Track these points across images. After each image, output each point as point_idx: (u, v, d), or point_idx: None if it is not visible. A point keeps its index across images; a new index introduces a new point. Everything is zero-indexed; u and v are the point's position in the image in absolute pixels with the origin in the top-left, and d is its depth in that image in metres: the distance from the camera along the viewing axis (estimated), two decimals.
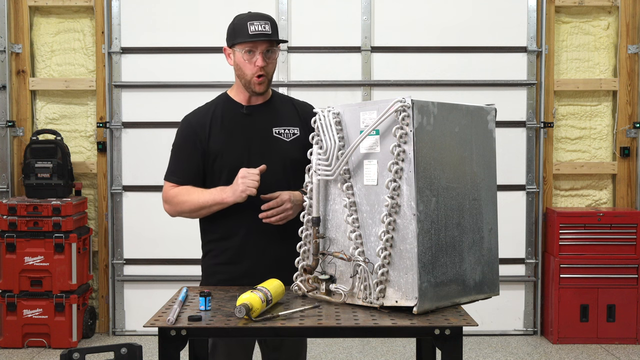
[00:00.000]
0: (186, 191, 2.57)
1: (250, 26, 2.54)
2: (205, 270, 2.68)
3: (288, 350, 2.75)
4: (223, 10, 4.97)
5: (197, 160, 2.59)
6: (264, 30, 2.54)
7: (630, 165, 5.13)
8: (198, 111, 2.67)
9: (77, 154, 5.16)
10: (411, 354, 4.53)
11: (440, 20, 5.00)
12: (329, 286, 2.32)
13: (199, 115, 2.64)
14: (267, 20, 2.56)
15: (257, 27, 2.54)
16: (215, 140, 2.58)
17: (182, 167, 2.61)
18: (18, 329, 4.67)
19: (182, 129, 2.65)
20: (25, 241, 4.66)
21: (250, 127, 2.60)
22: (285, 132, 2.62)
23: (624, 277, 4.77)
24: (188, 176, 2.60)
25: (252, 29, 2.54)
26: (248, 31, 2.54)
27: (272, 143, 2.59)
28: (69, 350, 2.23)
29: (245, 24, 2.55)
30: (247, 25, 2.54)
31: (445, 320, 2.08)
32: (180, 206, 2.58)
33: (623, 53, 5.07)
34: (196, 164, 2.59)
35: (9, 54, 5.00)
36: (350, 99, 4.97)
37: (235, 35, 2.57)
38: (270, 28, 2.56)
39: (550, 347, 4.77)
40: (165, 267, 4.99)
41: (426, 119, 2.15)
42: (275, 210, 2.49)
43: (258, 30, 2.54)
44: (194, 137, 2.59)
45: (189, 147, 2.60)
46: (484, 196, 2.32)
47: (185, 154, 2.61)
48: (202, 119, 2.62)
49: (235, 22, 2.60)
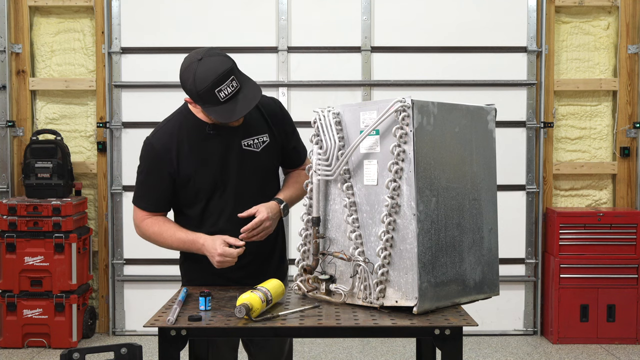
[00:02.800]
0: (159, 229, 2.52)
1: (219, 93, 2.30)
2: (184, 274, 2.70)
3: (273, 349, 2.76)
4: (223, 10, 4.98)
5: (166, 186, 2.51)
6: (233, 89, 2.32)
7: (630, 165, 5.13)
8: (160, 133, 2.52)
9: (77, 154, 5.16)
10: (411, 354, 4.53)
11: (440, 20, 5.00)
12: (329, 286, 2.32)
13: (162, 138, 2.50)
14: (231, 76, 2.32)
15: (225, 90, 2.31)
16: (185, 165, 2.48)
17: (150, 193, 2.54)
18: (18, 329, 4.67)
19: (145, 154, 2.52)
20: (25, 241, 4.66)
21: (218, 146, 2.49)
22: (255, 143, 2.53)
23: (624, 277, 4.77)
24: (158, 203, 2.55)
25: (222, 96, 2.31)
26: (219, 99, 2.30)
27: (243, 158, 2.51)
28: (69, 350, 2.23)
29: (212, 92, 2.30)
30: (215, 94, 2.30)
31: (445, 320, 2.08)
32: (151, 239, 2.58)
33: (623, 53, 5.07)
34: (165, 191, 2.52)
35: (9, 54, 5.00)
36: (350, 99, 4.97)
37: (203, 101, 2.34)
38: (237, 81, 2.32)
39: (550, 347, 4.77)
40: (165, 267, 4.98)
41: (426, 119, 2.15)
42: (256, 231, 2.45)
43: (228, 93, 2.31)
44: (161, 164, 2.48)
45: (155, 174, 2.50)
46: (484, 196, 2.32)
47: (152, 181, 2.52)
48: (167, 143, 2.48)
49: (198, 90, 2.31)
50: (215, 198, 2.52)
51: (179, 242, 2.51)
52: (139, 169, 2.56)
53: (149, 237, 2.58)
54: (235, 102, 2.34)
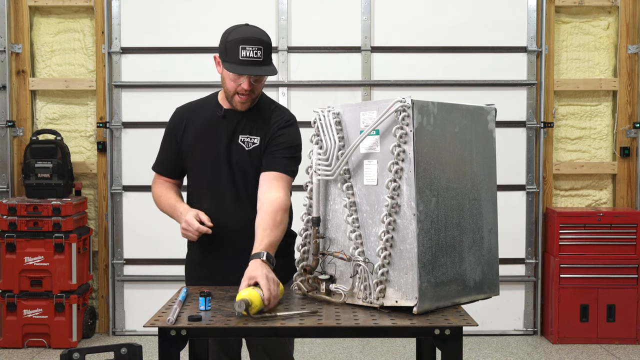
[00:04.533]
0: (160, 192, 2.72)
1: (242, 50, 2.45)
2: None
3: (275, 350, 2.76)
4: (223, 10, 4.98)
5: (171, 154, 2.71)
6: (255, 57, 2.45)
7: (630, 165, 5.13)
8: (187, 105, 2.73)
9: (77, 154, 5.16)
10: (411, 354, 4.53)
11: (440, 20, 5.00)
12: (329, 286, 2.32)
13: (184, 110, 2.71)
14: (260, 46, 2.46)
15: (248, 52, 2.45)
16: (187, 139, 2.66)
17: (161, 157, 2.76)
18: (18, 329, 4.67)
19: (169, 121, 2.73)
20: (25, 241, 4.66)
21: (219, 131, 2.60)
22: (247, 141, 2.60)
23: (624, 277, 4.77)
24: (168, 167, 2.74)
25: (243, 55, 2.45)
26: (238, 55, 2.45)
27: (234, 150, 2.58)
28: (69, 350, 2.23)
29: (237, 46, 2.45)
30: (239, 49, 2.45)
31: (445, 320, 2.08)
32: (155, 200, 2.76)
33: (623, 53, 5.07)
34: (174, 157, 2.70)
35: (9, 54, 5.00)
36: (350, 99, 4.97)
37: (226, 54, 2.49)
38: (262, 54, 2.46)
39: (550, 347, 4.77)
40: (165, 267, 4.99)
41: (426, 119, 2.15)
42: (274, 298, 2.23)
43: (249, 56, 2.45)
44: (172, 133, 2.70)
45: (169, 139, 2.71)
46: (484, 196, 2.32)
47: (166, 145, 2.73)
48: (183, 116, 2.68)
49: (228, 40, 2.49)
50: (202, 179, 2.64)
51: (168, 206, 2.67)
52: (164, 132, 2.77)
53: (154, 197, 2.75)
54: (250, 67, 2.46)
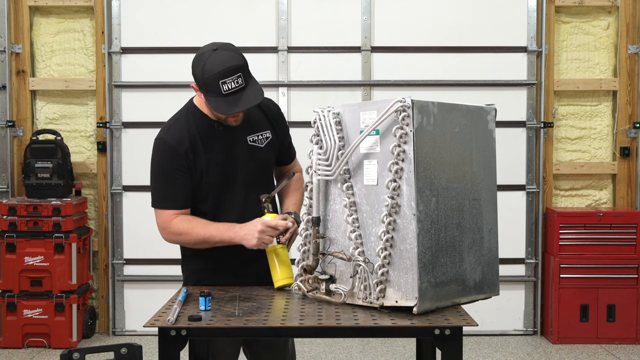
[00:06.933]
0: (190, 225, 2.51)
1: (223, 85, 2.35)
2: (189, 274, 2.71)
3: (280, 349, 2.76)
4: (223, 10, 4.98)
5: (187, 181, 2.52)
6: (237, 86, 2.36)
7: (630, 165, 5.13)
8: (172, 131, 2.55)
9: (77, 154, 5.15)
10: (411, 354, 4.52)
11: (440, 20, 5.00)
12: (329, 286, 2.32)
13: (175, 135, 2.53)
14: (239, 72, 2.36)
15: (230, 84, 2.36)
16: (200, 159, 2.52)
17: (174, 191, 2.53)
18: (18, 329, 4.67)
19: (160, 153, 2.54)
20: (25, 241, 4.66)
21: (227, 141, 2.57)
22: (259, 138, 2.62)
23: (624, 277, 4.77)
24: (184, 199, 2.54)
25: (225, 88, 2.36)
26: (221, 90, 2.35)
27: (250, 152, 2.59)
28: (69, 350, 2.23)
29: (217, 82, 2.35)
30: (219, 85, 2.35)
31: (445, 320, 2.08)
32: (181, 237, 2.53)
33: (623, 53, 5.07)
34: (187, 185, 2.53)
35: (9, 54, 5.00)
36: (350, 99, 4.97)
37: (207, 89, 2.39)
38: (243, 79, 2.37)
39: (550, 347, 4.77)
40: (165, 267, 4.99)
41: (426, 119, 2.15)
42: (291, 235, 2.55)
43: (231, 88, 2.35)
44: (178, 160, 2.51)
45: (174, 171, 2.51)
46: (484, 196, 2.32)
47: (173, 178, 2.52)
48: (181, 139, 2.52)
49: (205, 75, 2.37)
50: (225, 193, 2.57)
51: (215, 230, 2.48)
52: (154, 171, 2.56)
53: (180, 234, 2.52)
54: (236, 98, 2.38)
